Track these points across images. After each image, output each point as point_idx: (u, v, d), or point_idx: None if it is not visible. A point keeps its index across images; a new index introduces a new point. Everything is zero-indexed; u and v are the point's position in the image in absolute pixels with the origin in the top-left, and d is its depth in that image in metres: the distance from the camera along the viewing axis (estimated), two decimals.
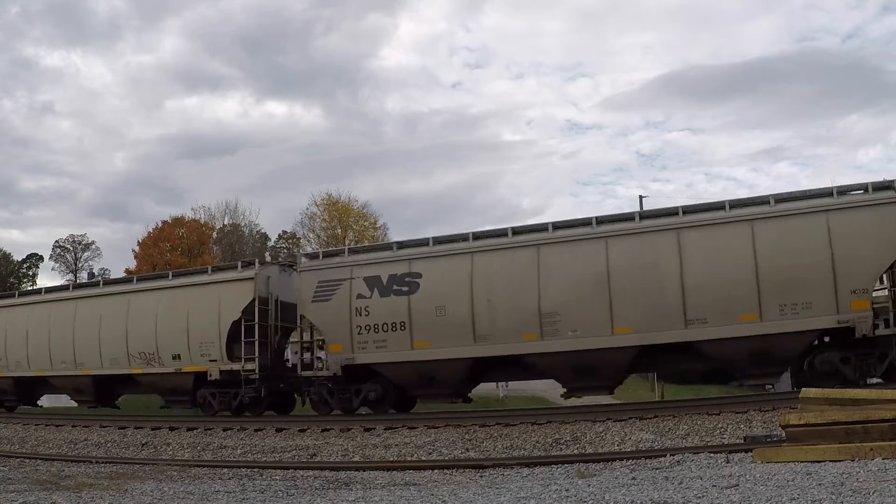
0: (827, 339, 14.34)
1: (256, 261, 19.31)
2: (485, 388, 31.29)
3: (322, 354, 17.54)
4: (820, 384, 12.49)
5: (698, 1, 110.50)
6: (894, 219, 13.79)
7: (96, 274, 64.98)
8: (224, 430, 16.69)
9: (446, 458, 12.37)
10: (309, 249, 46.53)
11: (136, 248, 49.57)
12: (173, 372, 18.95)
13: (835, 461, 7.54)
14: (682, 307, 14.44)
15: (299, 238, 54.35)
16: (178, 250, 46.75)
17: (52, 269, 73.97)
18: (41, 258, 75.52)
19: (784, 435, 8.92)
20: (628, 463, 10.05)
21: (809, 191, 14.97)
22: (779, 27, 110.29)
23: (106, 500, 7.85)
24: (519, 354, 15.65)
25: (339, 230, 48.85)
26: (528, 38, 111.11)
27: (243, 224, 55.36)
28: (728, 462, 8.99)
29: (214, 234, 52.26)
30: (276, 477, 10.98)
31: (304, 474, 11.22)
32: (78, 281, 59.60)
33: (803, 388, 9.62)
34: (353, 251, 18.45)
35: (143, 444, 16.22)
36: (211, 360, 18.32)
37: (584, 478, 8.50)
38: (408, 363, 16.43)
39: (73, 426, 18.95)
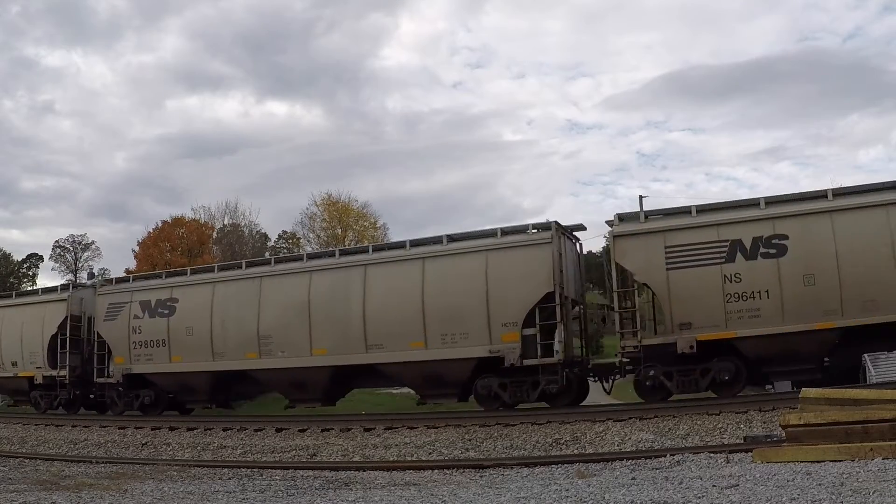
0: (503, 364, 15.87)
1: (70, 284, 23.28)
2: None
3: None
4: (484, 405, 16.09)
5: (699, 1, 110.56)
6: (543, 260, 15.63)
7: (96, 274, 65.02)
8: (224, 430, 16.69)
9: (446, 458, 12.38)
10: (309, 249, 46.52)
11: (136, 249, 49.61)
12: (12, 376, 22.62)
13: (835, 461, 7.54)
14: (364, 334, 16.89)
15: (299, 238, 54.38)
16: (178, 250, 46.72)
17: (52, 269, 74.08)
18: (41, 258, 75.60)
19: (784, 435, 8.91)
20: (628, 463, 10.05)
21: (477, 231, 17.45)
22: (780, 27, 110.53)
23: (106, 500, 7.85)
24: (245, 370, 18.56)
25: (339, 230, 48.85)
26: (529, 37, 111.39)
27: (243, 224, 55.36)
28: (728, 462, 8.99)
29: (214, 234, 52.22)
30: (276, 477, 10.98)
31: (304, 474, 11.22)
32: (78, 281, 59.57)
33: (803, 389, 9.61)
34: (136, 278, 22.12)
35: (143, 444, 16.22)
36: (37, 367, 21.89)
37: (584, 478, 8.50)
38: (168, 374, 19.60)
39: (73, 426, 18.95)
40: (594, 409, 15.67)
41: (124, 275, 28.20)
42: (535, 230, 16.22)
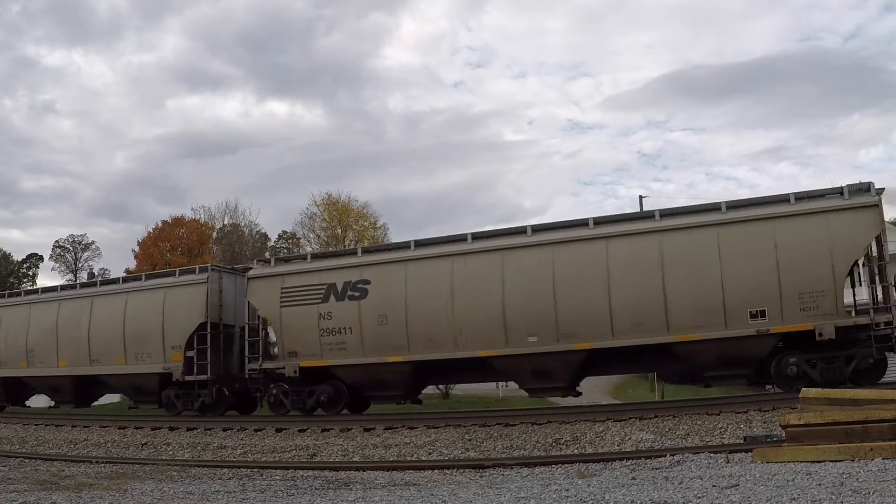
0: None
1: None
2: (485, 388, 31.37)
3: None
4: (169, 410, 19.73)
5: (700, 0, 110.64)
6: (199, 296, 19.14)
7: (96, 274, 65.09)
8: (224, 430, 16.70)
9: (446, 458, 12.37)
10: (309, 249, 46.54)
11: (136, 249, 49.62)
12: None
13: (835, 461, 7.54)
14: (88, 349, 20.90)
15: (299, 238, 54.38)
16: (178, 250, 46.74)
17: (52, 269, 74.14)
18: (41, 258, 75.66)
19: (784, 435, 8.92)
20: (628, 463, 10.05)
21: (158, 272, 22.24)
22: (781, 26, 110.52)
23: (106, 500, 7.85)
24: (20, 376, 22.61)
25: (339, 230, 48.86)
26: (530, 37, 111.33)
27: (243, 224, 55.40)
28: (728, 462, 8.99)
29: (214, 234, 52.25)
30: (276, 477, 10.98)
31: (304, 474, 11.22)
32: (78, 280, 59.61)
33: (803, 389, 9.63)
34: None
35: (143, 444, 16.22)
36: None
37: (584, 478, 8.50)
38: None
39: (73, 426, 18.96)
40: (594, 409, 15.68)
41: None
42: (194, 272, 20.10)
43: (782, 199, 14.76)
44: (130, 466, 12.64)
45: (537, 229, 16.26)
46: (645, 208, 16.72)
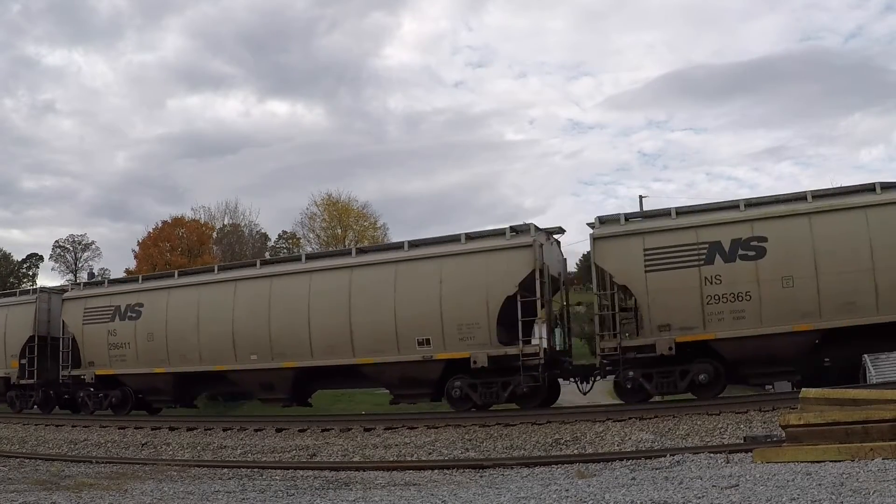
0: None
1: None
2: None
3: None
4: (13, 408, 22.60)
5: (701, 0, 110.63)
6: (27, 314, 22.21)
7: (96, 274, 65.04)
8: (224, 430, 16.70)
9: (446, 458, 12.37)
10: (309, 249, 46.54)
11: (136, 249, 49.61)
12: None
13: (835, 461, 7.54)
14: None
15: (299, 238, 54.39)
16: (178, 250, 46.73)
17: (52, 269, 74.12)
18: (41, 258, 75.62)
19: (784, 435, 8.91)
20: (628, 463, 10.05)
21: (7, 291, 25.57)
22: (781, 26, 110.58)
23: (106, 500, 7.85)
24: None
25: (339, 230, 48.86)
26: (531, 36, 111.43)
27: (243, 224, 55.40)
28: (728, 462, 8.99)
29: (214, 234, 52.25)
30: (276, 477, 10.98)
31: (304, 474, 11.22)
32: (78, 281, 59.58)
33: (803, 389, 9.61)
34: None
35: (143, 444, 16.22)
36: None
37: (584, 478, 8.50)
38: None
39: (73, 426, 18.96)
40: (594, 409, 15.67)
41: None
42: (28, 293, 23.48)
43: (454, 239, 16.86)
44: (130, 466, 12.64)
45: (264, 262, 20.18)
46: (645, 208, 16.59)
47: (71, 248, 74.14)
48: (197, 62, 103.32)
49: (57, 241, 74.51)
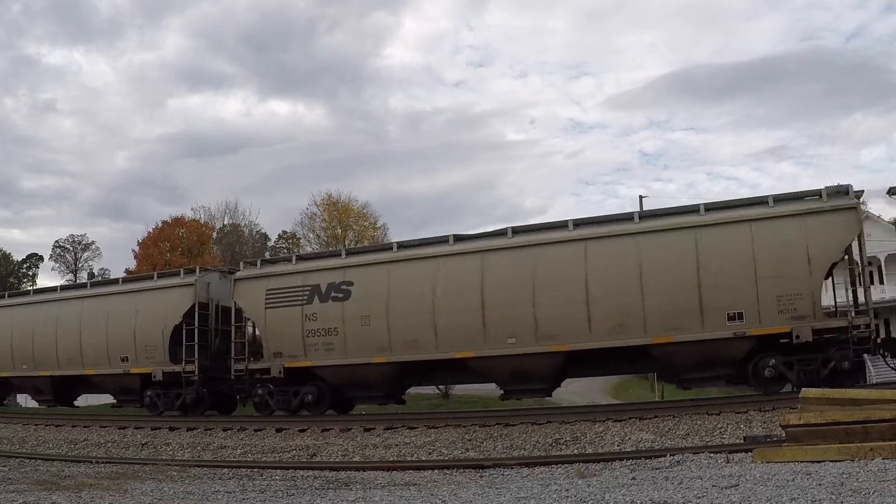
0: None
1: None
2: (485, 388, 31.32)
3: None
4: None
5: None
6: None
7: (96, 274, 65.08)
8: (224, 430, 16.70)
9: (446, 458, 12.37)
10: (309, 249, 46.53)
11: (136, 249, 49.61)
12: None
13: (835, 461, 7.53)
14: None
15: (299, 238, 54.37)
16: (177, 250, 46.73)
17: (52, 269, 74.12)
18: (41, 258, 75.63)
19: (784, 435, 8.91)
20: (628, 463, 10.05)
21: None
22: (782, 26, 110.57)
23: (106, 500, 7.84)
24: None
25: (339, 230, 48.85)
26: (532, 36, 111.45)
27: (243, 224, 55.42)
28: (728, 462, 8.99)
29: (214, 235, 52.25)
30: (276, 477, 10.98)
31: (304, 474, 11.21)
32: (78, 281, 59.61)
33: (803, 388, 9.62)
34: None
35: (143, 444, 16.22)
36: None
37: (584, 478, 8.50)
38: None
39: (72, 426, 18.95)
40: (594, 409, 15.68)
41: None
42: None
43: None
44: (130, 466, 12.63)
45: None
46: (645, 208, 16.50)
47: (71, 248, 74.18)
48: (198, 62, 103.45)
49: (57, 241, 74.61)
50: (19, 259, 75.97)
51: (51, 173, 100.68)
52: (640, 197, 38.33)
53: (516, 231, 16.35)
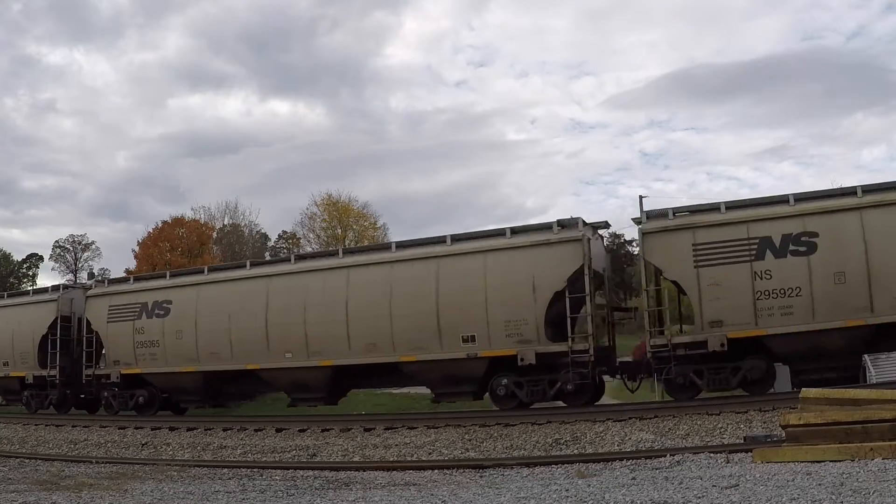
0: None
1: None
2: None
3: None
4: None
5: None
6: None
7: (96, 274, 65.05)
8: (224, 430, 16.70)
9: (446, 458, 12.38)
10: (309, 249, 46.54)
11: (137, 249, 49.62)
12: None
13: (835, 461, 7.54)
14: None
15: (299, 238, 54.39)
16: (177, 250, 46.74)
17: (52, 269, 74.13)
18: (41, 258, 75.63)
19: (784, 435, 8.91)
20: (628, 463, 10.05)
21: None
22: (783, 26, 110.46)
23: (106, 500, 7.85)
24: None
25: (339, 230, 48.86)
26: (533, 36, 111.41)
27: (243, 224, 55.41)
28: (728, 462, 8.99)
29: (214, 235, 52.25)
30: (276, 477, 10.98)
31: (304, 474, 11.22)
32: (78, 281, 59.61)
33: (803, 389, 9.62)
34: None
35: (143, 444, 16.23)
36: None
37: (584, 478, 8.50)
38: None
39: (73, 426, 18.96)
40: (594, 409, 15.68)
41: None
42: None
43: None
44: (130, 466, 12.63)
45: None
46: (645, 209, 16.45)
47: (71, 248, 74.17)
48: (198, 61, 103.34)
49: (57, 241, 74.58)
50: (19, 259, 76.01)
51: (51, 173, 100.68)
52: (641, 197, 38.06)
53: (299, 258, 19.50)
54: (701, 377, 14.83)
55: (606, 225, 17.20)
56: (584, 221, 15.90)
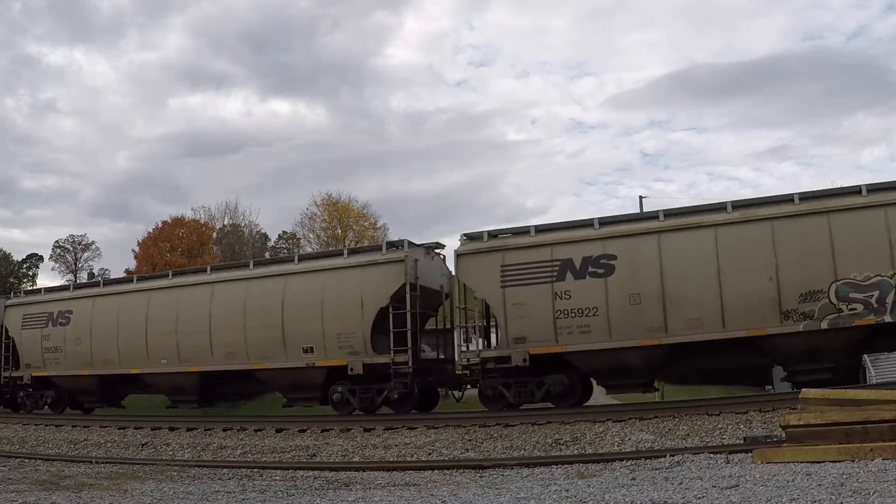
0: None
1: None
2: None
3: None
4: None
5: None
6: None
7: (96, 274, 65.05)
8: (224, 430, 16.70)
9: (446, 458, 12.37)
10: (309, 249, 46.53)
11: (137, 249, 49.59)
12: None
13: (835, 462, 7.54)
14: None
15: (299, 238, 54.35)
16: (178, 251, 46.71)
17: (52, 269, 74.07)
18: (41, 258, 75.55)
19: (784, 435, 8.92)
20: (628, 463, 10.05)
21: None
22: (784, 26, 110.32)
23: (106, 500, 7.85)
24: None
25: (339, 230, 48.83)
26: (534, 35, 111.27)
27: (243, 224, 55.37)
28: (728, 462, 8.99)
29: (214, 235, 52.23)
30: (276, 477, 10.98)
31: (304, 474, 11.22)
32: (78, 281, 59.64)
33: (803, 389, 9.62)
34: None
35: (143, 444, 16.22)
36: None
37: (584, 478, 8.50)
38: None
39: (73, 426, 18.96)
40: (594, 409, 15.70)
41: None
42: None
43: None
44: (130, 466, 12.63)
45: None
46: (646, 209, 16.56)
47: (71, 249, 74.05)
48: (199, 61, 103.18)
49: (57, 242, 74.44)
50: (19, 259, 75.97)
51: (51, 173, 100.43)
52: (641, 197, 38.08)
53: (175, 274, 21.02)
54: (509, 390, 15.82)
55: (439, 245, 18.60)
56: (410, 243, 17.41)
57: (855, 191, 14.50)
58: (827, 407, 8.69)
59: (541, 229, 16.26)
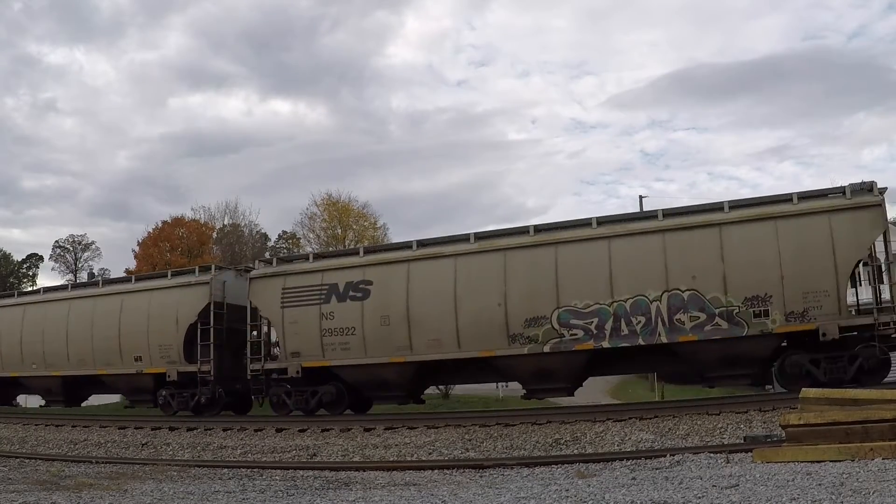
0: None
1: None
2: (485, 388, 31.38)
3: None
4: None
5: None
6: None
7: (96, 274, 65.06)
8: (224, 430, 16.71)
9: (446, 458, 12.37)
10: (309, 249, 46.52)
11: (137, 249, 49.59)
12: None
13: (835, 461, 7.54)
14: None
15: (299, 238, 54.33)
16: (178, 250, 46.71)
17: (52, 269, 74.14)
18: (41, 258, 75.63)
19: (784, 435, 8.91)
20: (628, 463, 10.05)
21: None
22: (785, 25, 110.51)
23: (106, 500, 7.85)
24: None
25: (339, 230, 48.82)
26: (534, 35, 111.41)
27: (243, 224, 55.36)
28: (728, 462, 8.99)
29: (214, 235, 52.22)
30: (276, 477, 10.98)
31: (304, 474, 11.22)
32: (78, 281, 59.65)
33: (803, 389, 9.63)
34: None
35: (143, 444, 16.23)
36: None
37: (584, 478, 8.50)
38: None
39: (73, 426, 18.97)
40: (594, 409, 15.71)
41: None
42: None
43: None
44: (130, 466, 12.63)
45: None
46: (645, 209, 16.56)
47: (71, 248, 74.12)
48: (199, 61, 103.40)
49: (57, 241, 74.54)
50: (19, 259, 76.02)
51: (51, 173, 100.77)
52: (641, 197, 38.15)
53: (46, 290, 23.63)
54: (290, 398, 17.81)
55: (248, 269, 20.22)
56: (217, 267, 20.47)
57: (586, 223, 15.70)
58: (827, 406, 8.69)
59: (318, 256, 19.09)
